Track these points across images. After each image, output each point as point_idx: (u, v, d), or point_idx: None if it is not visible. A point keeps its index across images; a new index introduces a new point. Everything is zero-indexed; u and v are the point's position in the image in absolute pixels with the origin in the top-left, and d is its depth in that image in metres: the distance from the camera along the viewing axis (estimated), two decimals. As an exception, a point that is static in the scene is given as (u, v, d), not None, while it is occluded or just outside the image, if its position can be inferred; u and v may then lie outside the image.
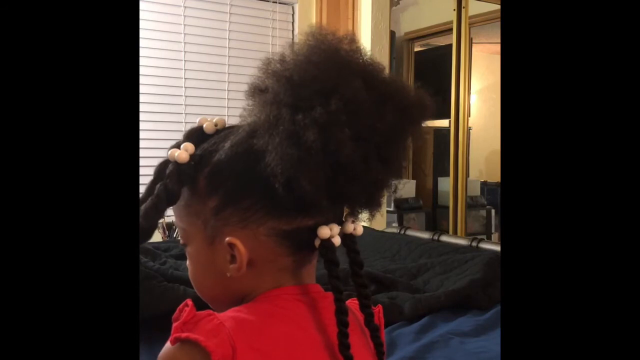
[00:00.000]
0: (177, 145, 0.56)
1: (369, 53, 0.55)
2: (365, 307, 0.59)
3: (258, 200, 0.53)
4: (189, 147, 0.56)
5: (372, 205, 0.55)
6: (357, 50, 0.55)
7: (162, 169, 0.56)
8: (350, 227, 0.57)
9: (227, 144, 0.55)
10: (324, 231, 0.54)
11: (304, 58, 0.53)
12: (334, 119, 0.49)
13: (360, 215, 0.57)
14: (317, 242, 0.54)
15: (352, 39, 0.55)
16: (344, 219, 0.57)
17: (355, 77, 0.51)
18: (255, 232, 0.54)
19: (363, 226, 0.59)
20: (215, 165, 0.55)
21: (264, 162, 0.50)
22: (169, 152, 0.56)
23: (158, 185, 0.55)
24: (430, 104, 0.55)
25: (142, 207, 0.54)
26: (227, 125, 0.59)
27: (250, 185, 0.53)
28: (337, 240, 0.55)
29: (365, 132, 0.50)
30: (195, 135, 0.58)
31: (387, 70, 0.55)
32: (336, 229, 0.55)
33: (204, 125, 0.58)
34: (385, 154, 0.52)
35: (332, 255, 0.55)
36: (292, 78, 0.52)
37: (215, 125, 0.58)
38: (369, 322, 0.59)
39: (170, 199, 0.55)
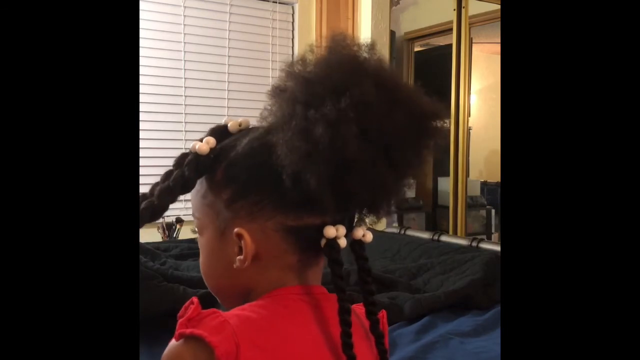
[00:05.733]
0: (201, 140, 0.59)
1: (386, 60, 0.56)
2: (371, 314, 0.60)
3: (268, 194, 0.55)
4: (210, 140, 0.58)
5: (378, 209, 0.56)
6: (374, 56, 0.56)
7: (182, 159, 0.58)
8: (359, 233, 0.58)
9: (245, 140, 0.57)
10: (330, 231, 0.55)
11: (323, 60, 0.55)
12: (343, 116, 0.50)
13: (367, 220, 0.58)
14: (322, 242, 0.55)
15: (372, 46, 0.56)
16: (354, 225, 0.58)
17: (367, 79, 0.52)
18: (263, 226, 0.55)
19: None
20: (232, 159, 0.57)
21: (274, 156, 0.52)
22: (192, 145, 0.58)
23: (176, 172, 0.57)
24: (443, 115, 0.56)
25: (158, 188, 0.57)
26: (250, 126, 0.61)
27: (261, 180, 0.55)
28: (342, 242, 0.56)
29: (373, 131, 0.51)
30: (219, 132, 0.60)
31: (403, 77, 0.56)
32: (342, 230, 0.56)
33: (229, 124, 0.61)
34: (394, 158, 0.52)
35: (337, 255, 0.55)
36: (308, 78, 0.53)
37: (240, 125, 0.61)
38: (374, 329, 0.60)
39: (185, 186, 0.57)
